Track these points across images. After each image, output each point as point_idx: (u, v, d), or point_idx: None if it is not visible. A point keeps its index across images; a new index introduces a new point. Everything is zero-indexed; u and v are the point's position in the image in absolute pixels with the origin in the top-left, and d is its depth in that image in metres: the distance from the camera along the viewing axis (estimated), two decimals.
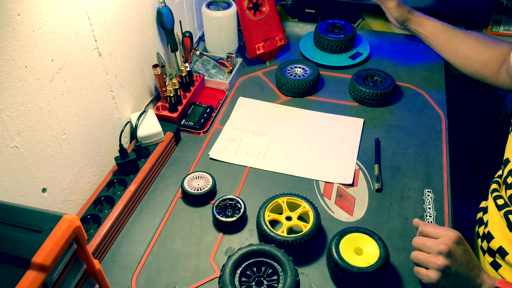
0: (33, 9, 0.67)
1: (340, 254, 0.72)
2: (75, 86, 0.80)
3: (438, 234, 0.70)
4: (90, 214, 0.84)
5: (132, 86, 1.00)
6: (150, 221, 0.88)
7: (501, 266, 0.80)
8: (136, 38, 0.98)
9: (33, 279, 0.47)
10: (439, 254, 0.68)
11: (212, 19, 1.18)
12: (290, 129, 1.05)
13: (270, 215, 0.81)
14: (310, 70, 1.15)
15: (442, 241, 0.69)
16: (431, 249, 0.69)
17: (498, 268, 0.80)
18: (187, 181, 0.90)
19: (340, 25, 1.28)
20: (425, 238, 0.71)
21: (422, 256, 0.71)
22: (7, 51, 0.64)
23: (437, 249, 0.69)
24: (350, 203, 0.89)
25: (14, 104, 0.67)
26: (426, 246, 0.70)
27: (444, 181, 0.92)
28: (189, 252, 0.81)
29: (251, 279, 0.70)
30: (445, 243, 0.68)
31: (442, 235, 0.70)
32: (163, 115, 1.04)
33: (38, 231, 0.50)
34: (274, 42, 1.24)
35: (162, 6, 1.02)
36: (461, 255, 0.69)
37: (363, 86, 1.09)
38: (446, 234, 0.70)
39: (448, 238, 0.69)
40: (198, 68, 1.21)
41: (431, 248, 0.69)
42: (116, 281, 0.78)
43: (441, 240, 0.69)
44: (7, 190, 0.69)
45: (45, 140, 0.75)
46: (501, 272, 0.80)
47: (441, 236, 0.70)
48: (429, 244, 0.70)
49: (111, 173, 0.92)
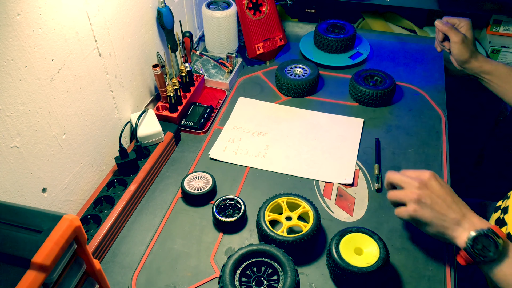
0: (33, 9, 0.67)
1: (340, 254, 0.72)
2: (75, 86, 0.80)
3: (415, 173, 0.75)
4: (90, 214, 0.84)
5: (132, 86, 1.00)
6: (150, 221, 0.88)
7: None
8: (136, 38, 0.98)
9: (33, 279, 0.47)
10: (414, 188, 0.72)
11: (212, 19, 1.18)
12: (290, 129, 1.05)
13: (270, 215, 0.81)
14: (310, 70, 1.15)
15: (417, 176, 0.74)
16: (408, 184, 0.73)
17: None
18: (187, 181, 0.90)
19: (340, 25, 1.28)
20: (402, 176, 0.75)
21: (398, 192, 0.75)
22: (7, 51, 0.64)
23: (412, 184, 0.73)
24: (350, 203, 0.89)
25: (14, 104, 0.67)
26: (402, 181, 0.75)
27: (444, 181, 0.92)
28: (189, 252, 0.81)
29: (251, 279, 0.70)
30: (420, 177, 0.73)
31: (418, 174, 0.74)
32: (163, 115, 1.04)
33: (38, 231, 0.50)
34: (274, 42, 1.24)
35: (162, 6, 1.02)
36: (437, 189, 0.72)
37: (363, 86, 1.09)
38: (421, 172, 0.75)
39: (423, 174, 0.74)
40: (198, 68, 1.21)
41: (407, 183, 0.73)
42: (116, 281, 0.78)
43: (417, 176, 0.74)
44: (7, 190, 0.69)
45: (45, 140, 0.75)
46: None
47: (418, 175, 0.74)
48: (406, 180, 0.74)
49: (111, 173, 0.92)
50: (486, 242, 0.66)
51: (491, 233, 0.66)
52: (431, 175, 0.74)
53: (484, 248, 0.66)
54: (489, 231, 0.67)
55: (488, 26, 1.49)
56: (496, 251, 0.66)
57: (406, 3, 1.42)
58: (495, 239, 0.66)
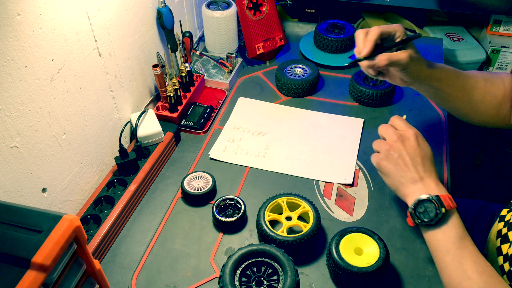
0: (33, 9, 0.67)
1: (340, 254, 0.72)
2: (75, 86, 0.80)
3: (402, 127, 0.77)
4: (90, 214, 0.84)
5: (132, 86, 1.00)
6: (150, 221, 0.88)
7: None
8: (136, 38, 0.98)
9: (33, 279, 0.47)
10: (391, 140, 0.75)
11: (212, 19, 1.18)
12: (290, 129, 1.05)
13: (270, 215, 0.81)
14: (310, 70, 1.15)
15: (402, 130, 0.76)
16: (388, 136, 0.76)
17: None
18: (187, 181, 0.90)
19: (340, 25, 1.28)
20: (388, 129, 0.78)
21: (379, 141, 0.78)
22: (7, 51, 0.64)
23: (392, 137, 0.75)
24: (350, 203, 0.89)
25: (14, 104, 0.67)
26: (387, 133, 0.77)
27: (444, 181, 0.92)
28: (189, 252, 0.81)
29: (251, 279, 0.70)
30: (403, 132, 0.76)
31: (405, 129, 0.76)
32: (163, 115, 1.04)
33: (38, 231, 0.50)
34: (274, 42, 1.24)
35: (162, 6, 1.02)
36: (411, 147, 0.74)
37: (363, 86, 1.09)
38: (407, 129, 0.76)
39: (407, 131, 0.76)
40: (198, 68, 1.21)
41: (389, 135, 0.76)
42: (116, 281, 0.78)
43: (402, 130, 0.76)
44: (7, 190, 0.69)
45: (45, 140, 0.75)
46: None
47: (403, 130, 0.76)
48: (390, 132, 0.77)
49: (111, 173, 0.92)
50: (429, 207, 0.69)
51: (436, 200, 0.68)
52: (414, 134, 0.75)
53: (425, 212, 0.69)
54: (434, 198, 0.69)
55: (488, 26, 1.49)
56: (434, 218, 0.68)
57: (406, 3, 1.42)
58: (437, 206, 0.68)
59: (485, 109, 0.88)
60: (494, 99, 0.87)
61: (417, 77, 0.83)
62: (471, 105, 0.88)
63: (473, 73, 0.89)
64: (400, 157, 0.74)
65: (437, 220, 0.68)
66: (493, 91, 0.87)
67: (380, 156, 0.77)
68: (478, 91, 0.87)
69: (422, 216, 0.69)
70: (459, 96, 0.87)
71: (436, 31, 1.54)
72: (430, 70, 0.83)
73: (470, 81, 0.87)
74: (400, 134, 0.76)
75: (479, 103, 0.88)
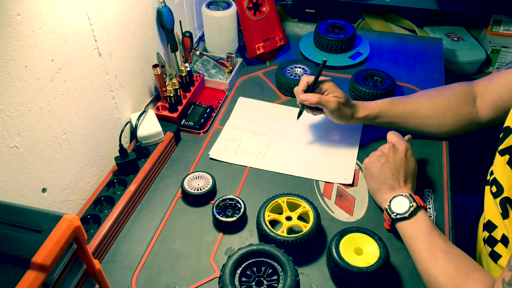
0: (33, 9, 0.67)
1: (340, 254, 0.72)
2: (75, 86, 0.80)
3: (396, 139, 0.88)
4: (90, 214, 0.84)
5: (132, 86, 1.00)
6: (150, 221, 0.88)
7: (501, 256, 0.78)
8: (136, 38, 0.98)
9: (33, 279, 0.47)
10: (384, 148, 0.85)
11: (212, 19, 1.18)
12: (290, 129, 1.05)
13: (270, 215, 0.81)
14: (310, 70, 1.15)
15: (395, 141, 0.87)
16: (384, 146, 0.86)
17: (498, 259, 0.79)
18: (187, 181, 0.90)
19: (340, 25, 1.28)
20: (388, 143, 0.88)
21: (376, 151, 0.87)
22: (7, 51, 0.64)
23: (386, 146, 0.85)
24: (350, 203, 0.89)
25: (14, 104, 0.67)
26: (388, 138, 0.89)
27: (444, 181, 0.92)
28: (189, 252, 0.81)
29: (251, 279, 0.70)
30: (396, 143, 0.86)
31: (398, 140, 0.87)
32: (163, 115, 1.04)
33: (38, 231, 0.50)
34: (274, 42, 1.24)
35: (162, 6, 1.02)
36: (398, 158, 0.83)
37: (363, 86, 1.08)
38: (401, 141, 0.87)
39: (400, 143, 0.86)
40: (198, 68, 1.21)
41: (384, 146, 0.86)
42: (116, 281, 0.78)
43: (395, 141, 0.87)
44: (7, 190, 0.69)
45: (45, 140, 0.75)
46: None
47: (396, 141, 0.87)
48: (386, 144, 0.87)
49: (111, 173, 0.92)
50: (402, 201, 0.79)
51: (409, 196, 0.78)
52: (405, 148, 0.85)
53: (399, 207, 0.78)
54: (408, 195, 0.79)
55: (488, 26, 1.49)
56: (408, 210, 0.77)
57: (406, 3, 1.42)
58: (410, 201, 0.78)
59: (442, 122, 0.95)
60: (447, 111, 0.94)
61: (348, 120, 0.95)
62: (424, 124, 0.96)
63: (417, 95, 0.98)
64: (387, 163, 0.83)
65: (410, 213, 0.77)
66: (443, 104, 0.94)
67: (370, 159, 0.87)
68: (424, 110, 0.95)
69: (397, 210, 0.78)
70: (408, 121, 0.96)
71: (436, 31, 1.54)
72: (364, 114, 0.95)
73: (412, 104, 0.95)
74: (392, 145, 0.85)
75: (433, 119, 0.95)
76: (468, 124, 0.95)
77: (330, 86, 0.94)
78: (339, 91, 0.94)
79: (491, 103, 0.91)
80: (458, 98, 0.94)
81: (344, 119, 0.95)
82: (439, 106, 0.95)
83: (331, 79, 0.96)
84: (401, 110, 0.96)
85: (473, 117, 0.94)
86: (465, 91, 0.94)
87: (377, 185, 0.84)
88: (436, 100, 0.95)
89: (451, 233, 0.83)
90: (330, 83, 0.94)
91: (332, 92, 0.93)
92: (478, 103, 0.94)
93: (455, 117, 0.95)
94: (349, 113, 0.94)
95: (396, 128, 0.97)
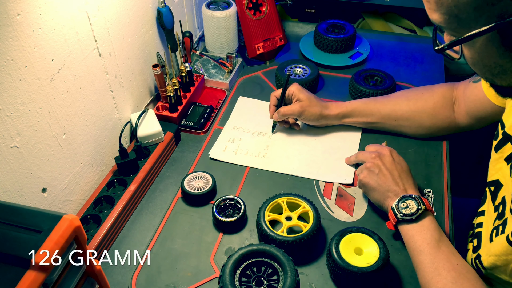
0: (33, 9, 0.67)
1: (340, 254, 0.72)
2: (75, 86, 0.80)
3: (375, 147, 0.88)
4: (90, 214, 0.84)
5: (132, 86, 1.00)
6: (150, 221, 0.88)
7: None
8: (136, 38, 0.98)
9: (33, 279, 0.47)
10: (370, 159, 0.85)
11: (212, 19, 1.18)
12: (290, 129, 1.05)
13: (270, 215, 0.81)
14: (310, 70, 1.15)
15: (376, 150, 0.86)
16: (367, 158, 0.86)
17: None
18: (187, 181, 0.90)
19: (340, 25, 1.28)
20: (365, 152, 0.89)
21: (362, 155, 0.88)
22: (7, 51, 0.64)
23: (370, 156, 0.85)
24: (350, 203, 0.89)
25: (14, 104, 0.67)
26: (364, 156, 0.87)
27: (444, 181, 0.92)
28: (189, 252, 0.81)
29: (251, 279, 0.70)
30: (379, 151, 0.86)
31: (378, 148, 0.87)
32: (163, 115, 1.04)
33: (38, 231, 0.50)
34: (274, 42, 1.24)
35: (162, 6, 1.02)
36: (388, 162, 0.83)
37: (363, 86, 1.08)
38: (382, 147, 0.87)
39: (383, 149, 0.85)
40: (198, 68, 1.21)
41: (367, 157, 0.86)
42: (116, 281, 0.78)
43: (376, 150, 0.86)
44: (7, 190, 0.69)
45: (45, 140, 0.75)
46: None
47: (377, 149, 0.87)
48: (366, 154, 0.87)
49: (111, 173, 0.92)
50: (411, 204, 0.76)
51: (418, 198, 0.76)
52: (389, 151, 0.85)
53: (407, 208, 0.76)
54: (416, 196, 0.77)
55: None
56: (415, 213, 0.74)
57: (406, 3, 1.42)
58: (419, 203, 0.75)
59: (419, 125, 0.96)
60: (423, 114, 0.94)
61: (320, 119, 0.98)
62: (401, 125, 0.97)
63: (395, 96, 0.99)
64: (381, 172, 0.82)
65: (417, 215, 0.74)
66: (419, 107, 0.95)
67: (363, 175, 0.84)
68: (401, 112, 0.96)
69: (404, 211, 0.76)
70: (384, 121, 0.97)
71: None
72: (336, 112, 0.98)
73: (388, 105, 0.96)
74: (376, 152, 0.85)
75: (409, 121, 0.96)
76: (447, 127, 0.96)
77: (294, 91, 0.98)
78: (303, 93, 0.97)
79: (465, 111, 0.92)
80: (436, 101, 0.94)
81: (315, 119, 0.98)
82: (416, 108, 0.95)
83: (295, 84, 0.99)
84: (376, 110, 0.97)
85: (451, 122, 0.94)
86: (445, 94, 0.94)
87: (382, 196, 0.81)
88: (413, 102, 0.95)
89: (451, 233, 0.83)
90: (294, 88, 0.98)
91: (295, 97, 0.97)
92: (455, 108, 0.94)
93: (432, 121, 0.95)
94: (317, 111, 0.97)
95: (375, 128, 1.00)
